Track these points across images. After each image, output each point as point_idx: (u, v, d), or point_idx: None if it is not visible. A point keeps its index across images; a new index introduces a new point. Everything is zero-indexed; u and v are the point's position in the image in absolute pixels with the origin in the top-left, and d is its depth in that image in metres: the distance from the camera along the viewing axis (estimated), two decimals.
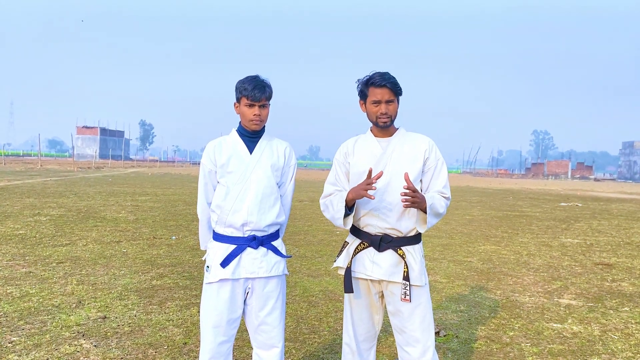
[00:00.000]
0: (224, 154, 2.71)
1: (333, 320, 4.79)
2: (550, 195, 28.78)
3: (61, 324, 4.35)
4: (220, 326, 2.67)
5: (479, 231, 11.67)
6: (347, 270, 2.74)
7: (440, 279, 6.64)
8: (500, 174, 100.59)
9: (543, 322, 5.00)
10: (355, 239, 2.78)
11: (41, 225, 9.90)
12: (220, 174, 2.72)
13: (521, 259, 8.36)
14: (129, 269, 6.52)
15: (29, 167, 44.47)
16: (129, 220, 11.26)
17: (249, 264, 2.68)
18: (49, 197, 16.00)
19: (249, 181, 2.68)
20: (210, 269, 2.69)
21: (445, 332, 4.55)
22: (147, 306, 4.98)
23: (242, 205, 2.65)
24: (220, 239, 2.72)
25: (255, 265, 2.69)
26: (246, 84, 2.66)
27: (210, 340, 2.68)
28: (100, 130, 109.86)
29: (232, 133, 2.81)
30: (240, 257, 2.66)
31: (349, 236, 2.85)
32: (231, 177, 2.68)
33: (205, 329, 2.70)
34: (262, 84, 2.66)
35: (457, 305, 5.45)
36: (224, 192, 2.68)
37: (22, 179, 25.84)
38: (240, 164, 2.69)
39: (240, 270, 2.66)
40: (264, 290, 2.73)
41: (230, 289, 2.68)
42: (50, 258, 6.95)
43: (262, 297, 2.74)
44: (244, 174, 2.68)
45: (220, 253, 2.68)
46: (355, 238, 2.78)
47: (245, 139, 2.75)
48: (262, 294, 2.73)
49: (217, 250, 2.70)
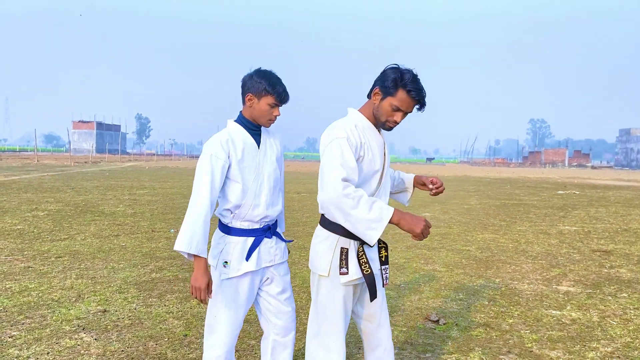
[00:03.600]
0: (238, 148, 2.62)
1: None
2: (548, 184, 28.85)
3: (61, 317, 4.35)
4: (237, 319, 2.68)
5: (477, 220, 11.69)
6: (371, 274, 2.46)
7: (440, 268, 6.66)
8: (497, 163, 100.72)
9: (542, 309, 5.02)
10: (350, 240, 2.46)
11: (39, 220, 9.89)
12: (236, 169, 2.61)
13: (519, 247, 8.38)
14: (128, 262, 6.52)
15: (26, 162, 44.34)
16: (127, 214, 11.25)
17: (267, 253, 2.71)
18: (46, 192, 15.97)
19: (263, 175, 2.67)
20: (231, 264, 2.62)
21: (445, 320, 4.57)
22: (147, 299, 4.98)
23: (260, 200, 2.65)
24: (237, 233, 2.65)
25: (272, 253, 2.73)
26: (278, 86, 2.61)
27: (226, 334, 2.65)
28: (97, 124, 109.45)
29: (235, 125, 2.70)
30: (259, 248, 2.68)
31: (339, 239, 2.46)
32: (247, 173, 2.63)
33: (222, 324, 2.65)
34: (286, 87, 2.68)
35: (457, 294, 5.47)
36: (240, 189, 2.61)
37: (19, 174, 25.78)
38: (254, 159, 2.66)
39: (261, 260, 2.68)
40: (282, 275, 2.79)
41: (249, 281, 2.67)
42: (48, 253, 6.94)
43: (282, 282, 2.78)
44: (257, 169, 2.66)
45: (239, 247, 2.64)
46: (348, 239, 2.46)
47: (250, 132, 2.70)
48: (281, 279, 2.78)
49: (236, 244, 2.64)
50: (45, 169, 33.35)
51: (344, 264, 2.46)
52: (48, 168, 34.44)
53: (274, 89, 2.60)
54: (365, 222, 2.27)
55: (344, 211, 2.28)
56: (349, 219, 2.29)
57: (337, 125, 2.46)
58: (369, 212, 2.27)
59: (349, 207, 2.27)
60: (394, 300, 5.18)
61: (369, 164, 2.48)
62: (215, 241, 2.71)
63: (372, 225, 2.27)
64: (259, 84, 2.60)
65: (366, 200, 2.29)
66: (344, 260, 2.46)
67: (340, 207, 2.28)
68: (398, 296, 5.32)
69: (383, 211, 2.29)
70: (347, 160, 2.34)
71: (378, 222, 2.28)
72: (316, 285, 2.55)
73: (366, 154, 2.47)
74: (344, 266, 2.46)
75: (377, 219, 2.28)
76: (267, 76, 2.62)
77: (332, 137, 2.40)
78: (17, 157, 58.74)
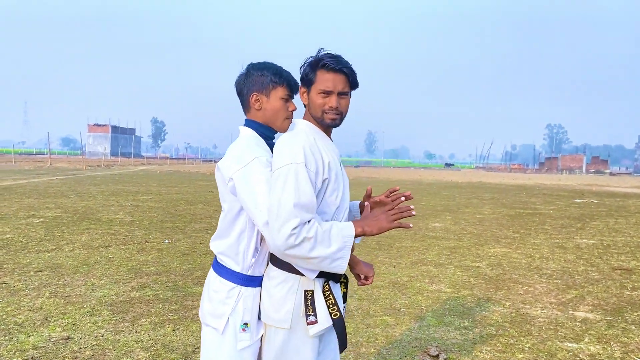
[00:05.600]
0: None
1: None
2: (565, 191, 28.05)
3: (16, 347, 3.92)
4: None
5: (490, 232, 11.12)
6: (340, 319, 2.03)
7: (445, 289, 6.13)
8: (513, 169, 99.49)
9: (557, 340, 4.48)
10: (317, 280, 2.01)
11: (31, 228, 9.53)
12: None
13: (533, 263, 7.82)
14: (110, 278, 6.10)
15: (39, 165, 44.48)
16: (124, 222, 10.87)
17: None
18: (49, 197, 15.69)
19: None
20: (251, 327, 2.05)
21: (446, 355, 4.05)
22: (119, 323, 4.54)
23: None
24: (256, 282, 2.08)
25: None
26: (284, 73, 2.16)
27: None
28: (112, 127, 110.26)
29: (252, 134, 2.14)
30: None
31: (301, 280, 2.00)
32: None
33: None
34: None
35: (461, 321, 4.94)
36: None
37: (28, 178, 25.67)
38: None
39: None
40: None
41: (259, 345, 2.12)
42: (29, 266, 6.54)
43: None
44: None
45: (257, 301, 2.08)
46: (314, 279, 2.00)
47: (268, 143, 2.18)
48: None
49: (254, 297, 2.07)
50: (56, 172, 33.30)
51: (310, 310, 1.99)
52: (59, 172, 34.40)
53: (282, 77, 2.13)
54: (329, 257, 1.90)
55: (303, 257, 1.86)
56: (311, 262, 1.88)
57: (295, 142, 1.97)
58: (330, 245, 1.89)
59: (306, 251, 1.84)
60: (391, 328, 4.68)
61: (335, 182, 2.02)
62: (219, 295, 2.07)
63: (337, 256, 1.92)
64: (263, 77, 2.13)
65: (322, 233, 1.87)
66: (310, 306, 1.99)
67: (296, 255, 1.86)
68: (396, 323, 4.81)
69: (344, 233, 1.94)
70: (302, 196, 1.86)
71: (343, 249, 1.92)
72: (273, 343, 2.03)
73: (332, 174, 2.01)
74: (311, 313, 1.99)
75: (341, 247, 1.91)
76: (267, 66, 2.15)
77: (287, 161, 1.91)
78: (32, 160, 59.11)
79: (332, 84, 2.00)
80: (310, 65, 2.04)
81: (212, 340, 2.06)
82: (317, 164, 1.95)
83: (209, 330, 2.08)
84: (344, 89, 2.03)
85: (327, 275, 2.02)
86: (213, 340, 2.06)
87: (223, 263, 2.09)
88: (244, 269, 2.06)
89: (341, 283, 2.16)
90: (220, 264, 2.11)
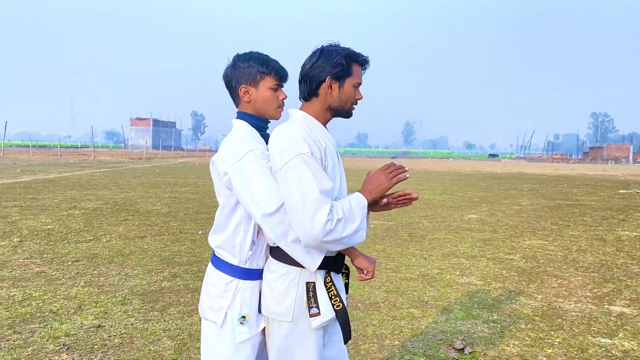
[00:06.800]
0: None
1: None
2: (609, 182, 27.12)
3: (50, 334, 4.06)
4: None
5: (526, 223, 10.87)
6: (343, 309, 2.02)
7: (476, 281, 6.03)
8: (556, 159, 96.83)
9: (589, 335, 4.35)
10: (318, 272, 1.99)
11: (72, 219, 9.85)
12: None
13: (570, 255, 7.60)
14: (143, 268, 6.24)
15: (83, 158, 45.90)
16: (161, 213, 11.10)
17: None
18: (91, 189, 16.18)
19: None
20: (249, 320, 2.04)
21: (472, 348, 3.99)
22: (148, 312, 4.65)
23: None
24: (255, 275, 2.07)
25: None
26: (271, 62, 2.13)
27: None
28: (153, 121, 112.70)
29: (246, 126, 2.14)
30: None
31: (302, 272, 1.99)
32: None
33: None
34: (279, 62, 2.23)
35: (490, 314, 4.86)
36: None
37: (72, 170, 26.52)
38: None
39: None
40: None
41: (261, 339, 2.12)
42: (67, 256, 6.77)
43: None
44: None
45: (256, 294, 2.06)
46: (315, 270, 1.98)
47: (261, 134, 2.19)
48: None
49: (253, 290, 2.06)
50: (99, 165, 34.29)
51: (312, 302, 1.97)
52: (102, 164, 35.41)
53: (269, 66, 2.11)
54: (355, 231, 1.93)
55: (339, 239, 1.89)
56: (343, 241, 1.92)
57: (292, 133, 1.94)
58: (354, 220, 1.93)
59: (341, 232, 1.88)
60: (417, 320, 4.63)
61: (332, 172, 2.01)
62: (217, 289, 2.07)
63: (360, 227, 1.95)
64: (249, 68, 2.10)
65: (348, 211, 1.92)
66: (312, 298, 1.98)
67: (334, 239, 1.88)
68: (423, 316, 4.76)
69: (360, 205, 1.97)
70: (322, 183, 1.87)
71: (363, 219, 1.96)
72: (276, 337, 2.01)
73: (329, 161, 1.99)
74: (314, 305, 1.97)
75: (362, 218, 1.96)
76: (253, 57, 2.13)
77: (294, 153, 1.88)
78: (76, 154, 61.00)
79: (361, 78, 2.10)
80: (345, 58, 2.02)
81: (211, 334, 2.07)
82: (320, 152, 1.94)
83: (208, 324, 2.08)
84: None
85: (328, 267, 2.01)
86: (212, 334, 2.06)
87: (220, 256, 2.09)
88: (241, 262, 2.04)
89: (343, 274, 2.15)
90: (218, 257, 2.10)
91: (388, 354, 3.90)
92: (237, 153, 1.98)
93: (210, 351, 2.06)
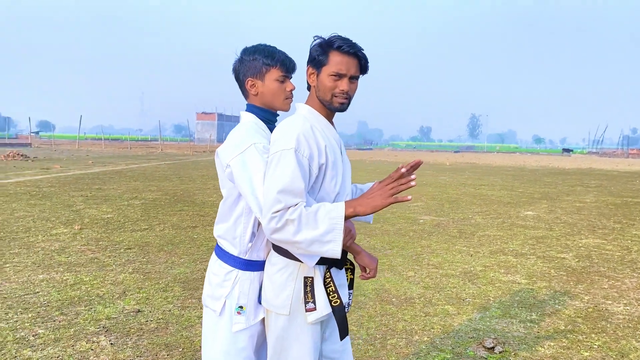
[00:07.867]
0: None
1: (375, 326, 4.31)
2: None
3: (93, 316, 4.30)
4: None
5: (586, 221, 10.38)
6: (341, 306, 2.00)
7: (520, 280, 5.84)
8: (632, 154, 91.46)
9: (632, 340, 4.14)
10: (318, 267, 2.00)
11: (131, 209, 10.31)
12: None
13: (628, 256, 7.21)
14: (190, 256, 6.47)
15: (150, 151, 47.81)
16: (215, 204, 11.41)
17: None
18: (154, 180, 16.85)
19: None
20: (247, 310, 2.09)
21: (502, 347, 3.88)
22: (187, 299, 4.82)
23: None
24: (255, 267, 2.11)
25: None
26: (276, 54, 2.16)
27: None
28: (218, 115, 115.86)
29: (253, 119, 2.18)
30: None
31: (301, 267, 1.99)
32: None
33: None
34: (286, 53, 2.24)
35: (529, 314, 4.70)
36: None
37: (139, 162, 27.71)
38: None
39: None
40: None
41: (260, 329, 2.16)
42: (121, 244, 7.11)
43: None
44: None
45: (255, 285, 2.11)
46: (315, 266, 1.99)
47: (269, 127, 2.22)
48: None
49: (252, 281, 2.10)
50: (165, 157, 35.63)
51: (309, 297, 1.98)
52: (168, 157, 36.76)
53: (274, 58, 2.13)
54: (317, 240, 1.83)
55: (288, 241, 1.84)
56: (299, 246, 1.84)
57: (288, 128, 1.95)
58: (316, 227, 1.83)
59: (291, 235, 1.82)
60: (450, 317, 4.56)
61: (332, 168, 1.99)
62: (217, 278, 2.13)
63: (327, 239, 1.83)
64: (254, 61, 2.13)
65: (307, 215, 1.82)
66: (309, 293, 1.98)
67: (281, 239, 1.84)
68: (457, 313, 4.68)
69: (332, 214, 1.84)
70: (287, 181, 1.83)
71: (331, 231, 1.83)
72: (274, 329, 2.04)
73: (329, 157, 1.98)
74: (310, 300, 1.98)
75: (329, 229, 1.83)
76: (259, 50, 2.15)
77: (277, 148, 1.90)
78: (145, 147, 63.61)
79: (345, 67, 1.94)
80: (321, 46, 1.97)
81: (211, 322, 2.13)
82: (311, 150, 1.91)
83: (208, 312, 2.14)
84: (355, 73, 1.98)
85: (329, 262, 2.00)
86: (211, 321, 2.12)
87: (222, 246, 2.14)
88: (241, 252, 2.09)
89: (347, 269, 2.15)
90: (220, 247, 2.16)
91: (415, 349, 3.86)
92: (240, 146, 2.02)
93: (209, 338, 2.13)
